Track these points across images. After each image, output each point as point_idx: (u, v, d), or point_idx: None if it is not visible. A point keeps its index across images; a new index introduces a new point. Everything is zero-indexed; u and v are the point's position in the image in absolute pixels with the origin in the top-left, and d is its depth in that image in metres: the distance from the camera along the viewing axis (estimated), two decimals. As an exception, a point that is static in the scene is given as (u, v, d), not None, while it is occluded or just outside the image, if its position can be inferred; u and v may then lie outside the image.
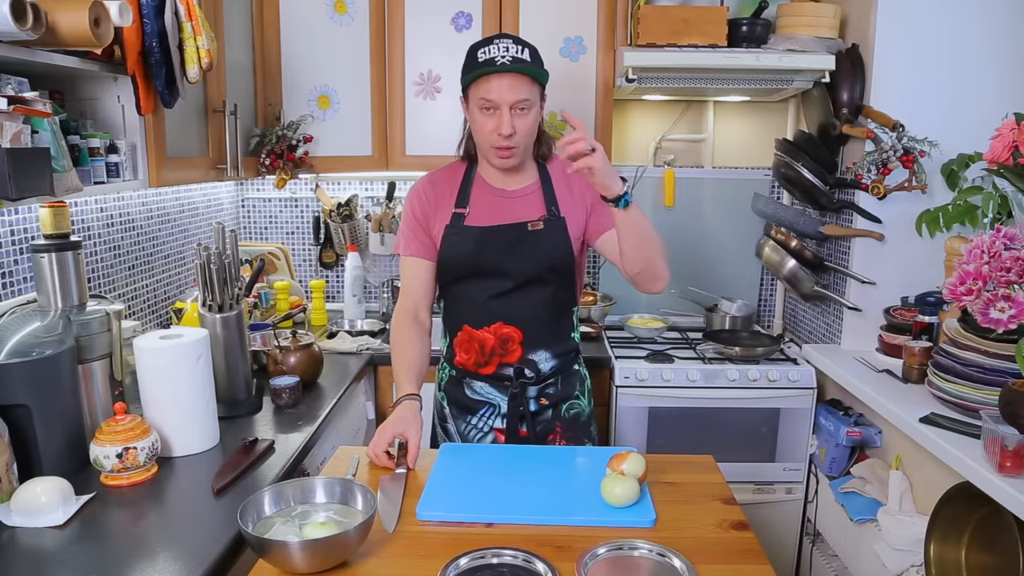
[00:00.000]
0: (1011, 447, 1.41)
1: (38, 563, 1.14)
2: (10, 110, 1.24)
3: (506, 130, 1.57)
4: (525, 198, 1.70)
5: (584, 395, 1.80)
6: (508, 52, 1.55)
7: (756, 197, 2.59)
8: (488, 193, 1.72)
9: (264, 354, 2.08)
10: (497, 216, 1.68)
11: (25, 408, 1.35)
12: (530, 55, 1.58)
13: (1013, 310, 1.52)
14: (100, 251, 2.02)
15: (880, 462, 2.08)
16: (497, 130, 1.57)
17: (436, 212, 1.72)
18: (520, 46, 1.58)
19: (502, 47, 1.56)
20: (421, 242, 1.72)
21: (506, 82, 1.55)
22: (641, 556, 1.18)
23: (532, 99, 1.58)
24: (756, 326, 2.82)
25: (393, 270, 3.02)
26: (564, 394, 1.76)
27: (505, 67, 1.53)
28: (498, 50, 1.56)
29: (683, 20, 2.32)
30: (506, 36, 1.60)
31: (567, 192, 1.72)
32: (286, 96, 2.51)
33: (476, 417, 1.76)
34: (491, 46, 1.57)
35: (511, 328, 1.69)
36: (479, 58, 1.57)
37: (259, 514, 1.20)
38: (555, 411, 1.75)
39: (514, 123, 1.57)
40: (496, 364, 1.71)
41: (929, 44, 2.15)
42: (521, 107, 1.57)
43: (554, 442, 1.75)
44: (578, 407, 1.78)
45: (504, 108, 1.56)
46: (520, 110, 1.57)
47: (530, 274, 1.67)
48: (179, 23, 1.62)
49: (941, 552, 1.66)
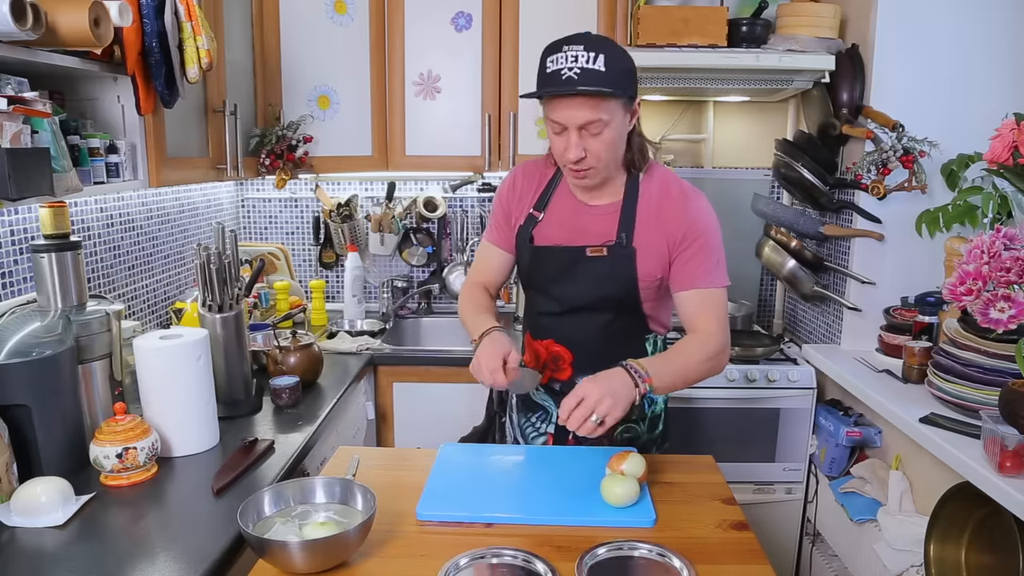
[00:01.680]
0: (1011, 447, 1.41)
1: (38, 563, 1.14)
2: (10, 110, 1.24)
3: (574, 155, 1.40)
4: (603, 216, 1.53)
5: (644, 420, 1.66)
6: (576, 63, 1.33)
7: (756, 197, 2.59)
8: (567, 202, 1.57)
9: (264, 354, 2.08)
10: (565, 232, 1.55)
11: (25, 408, 1.35)
12: (605, 61, 1.33)
13: (1013, 310, 1.52)
14: (100, 251, 2.02)
15: (880, 462, 2.08)
16: (566, 151, 1.41)
17: (519, 205, 1.62)
18: (594, 53, 1.33)
19: (570, 56, 1.34)
20: (500, 232, 1.65)
21: (572, 104, 1.36)
22: (641, 556, 1.18)
23: (607, 117, 1.37)
24: (756, 326, 2.82)
25: (392, 270, 3.02)
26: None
27: (570, 86, 1.34)
28: (565, 60, 1.34)
29: (683, 20, 2.32)
30: (578, 40, 1.36)
31: (652, 219, 1.50)
32: (286, 96, 2.51)
33: (536, 416, 1.70)
34: (559, 54, 1.35)
35: (561, 348, 1.60)
36: (547, 68, 1.38)
37: (259, 514, 1.20)
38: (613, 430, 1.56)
39: (585, 144, 1.40)
40: (548, 377, 1.63)
41: (929, 44, 2.15)
42: (592, 130, 1.38)
43: None
44: (634, 431, 1.65)
45: (572, 130, 1.39)
46: (591, 133, 1.38)
47: (581, 302, 1.55)
48: (179, 23, 1.62)
49: (941, 552, 1.66)
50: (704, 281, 1.49)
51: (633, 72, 1.40)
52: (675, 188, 1.53)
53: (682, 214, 1.49)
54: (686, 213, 1.49)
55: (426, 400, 2.41)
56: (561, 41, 1.37)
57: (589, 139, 1.39)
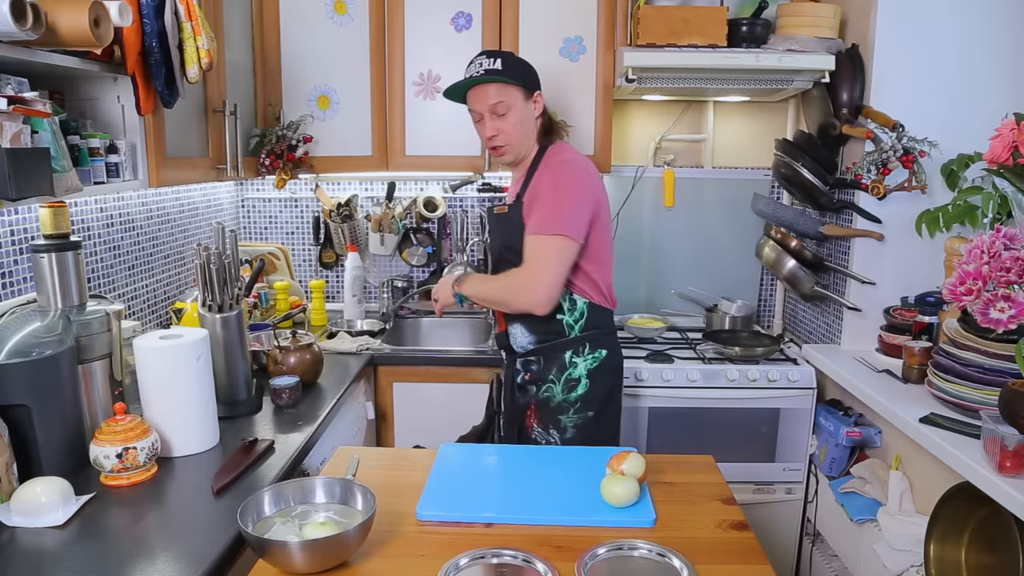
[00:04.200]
0: (1011, 447, 1.41)
1: (38, 563, 1.14)
2: (10, 110, 1.24)
3: (487, 132, 1.82)
4: (516, 182, 1.91)
5: (558, 382, 1.85)
6: (481, 66, 1.78)
7: (756, 197, 2.59)
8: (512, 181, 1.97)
9: (264, 354, 2.08)
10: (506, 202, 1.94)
11: (25, 408, 1.35)
12: (503, 63, 1.78)
13: (1013, 310, 1.52)
14: (100, 251, 2.02)
15: (880, 462, 2.08)
16: (483, 135, 1.84)
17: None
18: (493, 58, 1.79)
19: (477, 63, 1.80)
20: None
21: (480, 92, 1.80)
22: (641, 556, 1.18)
23: (508, 100, 1.78)
24: (756, 326, 2.82)
25: (392, 270, 3.02)
26: (541, 375, 1.87)
27: (476, 79, 1.77)
28: (473, 67, 1.81)
29: (683, 20, 2.32)
30: (482, 53, 1.83)
31: (537, 179, 1.81)
32: (286, 96, 2.51)
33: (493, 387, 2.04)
34: (470, 66, 1.82)
35: None
36: (464, 77, 1.82)
37: (259, 514, 1.20)
38: (536, 388, 1.87)
39: (495, 125, 1.79)
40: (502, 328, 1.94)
41: (929, 44, 2.15)
42: (498, 111, 1.78)
43: (530, 419, 1.88)
44: (550, 391, 1.85)
45: (485, 114, 1.80)
46: (498, 114, 1.78)
47: (496, 253, 1.92)
48: (179, 23, 1.62)
49: (941, 552, 1.66)
50: (538, 227, 1.73)
51: (529, 70, 1.83)
52: (560, 156, 1.83)
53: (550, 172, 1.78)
54: (552, 171, 1.78)
55: (426, 400, 2.41)
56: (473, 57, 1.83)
57: (499, 120, 1.79)
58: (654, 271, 2.88)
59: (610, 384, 1.88)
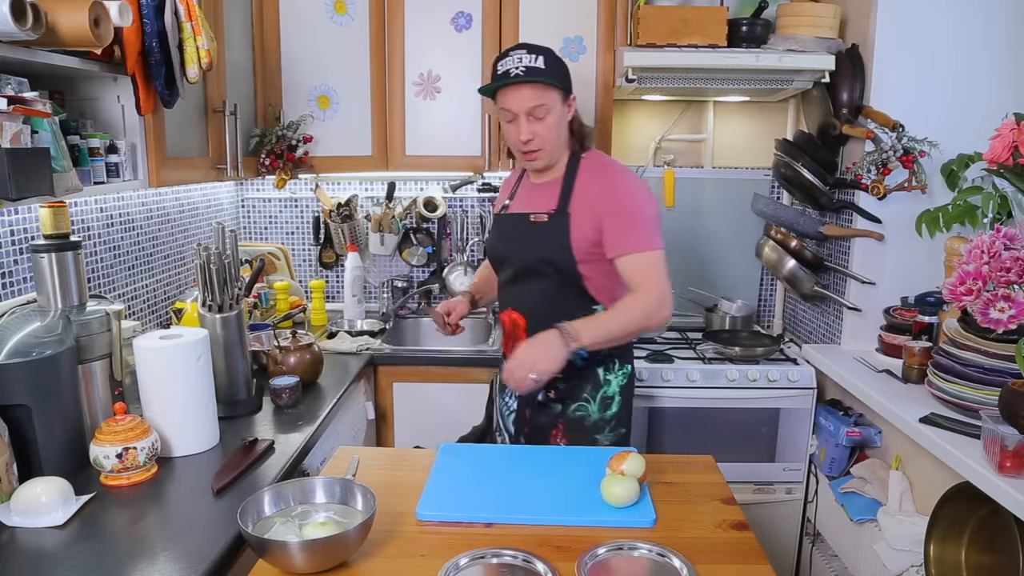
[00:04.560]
0: (1011, 447, 1.41)
1: (38, 563, 1.14)
2: (10, 110, 1.24)
3: (524, 136, 1.67)
4: (548, 188, 1.76)
5: (594, 400, 1.77)
6: (521, 63, 1.63)
7: (756, 197, 2.59)
8: (529, 187, 1.84)
9: (264, 354, 2.08)
10: (522, 207, 1.80)
11: (25, 408, 1.35)
12: (544, 61, 1.64)
13: (1013, 310, 1.52)
14: (100, 251, 2.02)
15: (880, 462, 2.08)
16: (518, 137, 1.68)
17: (500, 200, 1.94)
18: (534, 55, 1.64)
19: (516, 58, 1.64)
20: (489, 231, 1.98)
21: (519, 92, 1.64)
22: (641, 556, 1.18)
23: (548, 104, 1.65)
24: (756, 326, 2.82)
25: (392, 270, 3.02)
26: (571, 393, 1.77)
27: (518, 78, 1.62)
28: (512, 62, 1.64)
29: (683, 20, 2.32)
30: (521, 47, 1.67)
31: (586, 191, 1.70)
32: (286, 96, 2.51)
33: (506, 394, 1.87)
34: (507, 59, 1.66)
35: (517, 314, 1.78)
36: (498, 70, 1.67)
37: (259, 514, 1.20)
38: (563, 407, 1.77)
39: (532, 128, 1.66)
40: (511, 347, 1.71)
41: (929, 44, 2.15)
42: (537, 114, 1.65)
43: (556, 438, 1.78)
44: (584, 410, 1.77)
45: (521, 116, 1.66)
46: (536, 117, 1.65)
47: (526, 265, 1.75)
48: (179, 23, 1.62)
49: (941, 552, 1.66)
50: (636, 246, 1.64)
51: (567, 72, 1.70)
52: (607, 164, 1.75)
53: (610, 184, 1.69)
54: (614, 184, 1.69)
55: (426, 400, 2.41)
56: (508, 50, 1.68)
57: (535, 123, 1.66)
58: (654, 271, 2.88)
59: (631, 400, 1.84)
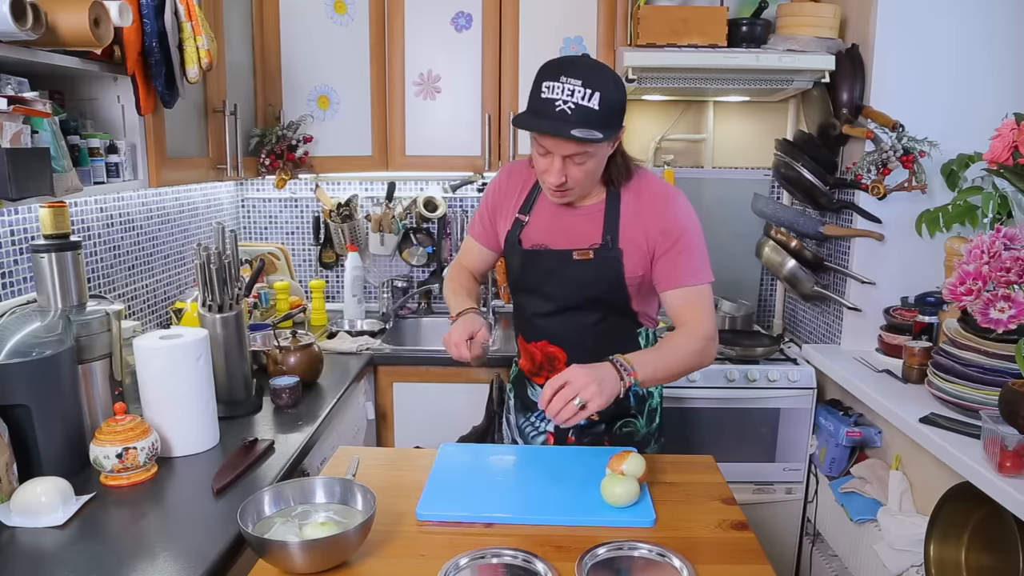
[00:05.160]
0: (1011, 447, 1.41)
1: (38, 563, 1.14)
2: (10, 110, 1.24)
3: (555, 180, 1.43)
4: (586, 218, 1.55)
5: (642, 414, 1.69)
6: (572, 97, 1.33)
7: (756, 197, 2.59)
8: (555, 209, 1.58)
9: (264, 354, 2.08)
10: (552, 234, 1.58)
11: (25, 408, 1.35)
12: (600, 101, 1.33)
13: (1013, 310, 1.52)
14: (100, 251, 2.02)
15: (880, 462, 2.08)
16: (548, 174, 1.44)
17: (502, 208, 1.67)
18: (590, 90, 1.33)
19: (568, 89, 1.34)
20: (484, 229, 1.74)
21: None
22: (641, 556, 1.18)
23: (592, 151, 1.40)
24: (756, 326, 2.82)
25: (392, 270, 3.02)
26: (617, 412, 1.65)
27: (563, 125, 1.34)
28: (562, 92, 1.34)
29: (683, 20, 2.32)
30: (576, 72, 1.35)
31: (633, 220, 1.53)
32: (286, 96, 2.51)
33: (535, 416, 1.74)
34: (556, 83, 1.35)
35: (556, 348, 1.64)
36: (541, 93, 1.37)
37: (259, 514, 1.20)
38: (608, 426, 1.67)
39: (567, 171, 1.43)
40: (545, 377, 1.61)
41: (929, 44, 2.15)
42: (576, 160, 1.41)
43: None
44: (632, 426, 1.68)
45: (557, 157, 1.41)
46: (576, 163, 1.42)
47: (571, 302, 1.59)
48: (179, 23, 1.62)
49: (941, 552, 1.66)
50: (688, 279, 1.52)
51: (624, 105, 1.42)
52: (655, 190, 1.56)
53: (661, 215, 1.52)
54: (665, 213, 1.52)
55: (426, 400, 2.41)
56: (560, 68, 1.36)
57: (572, 167, 1.42)
58: (654, 271, 2.88)
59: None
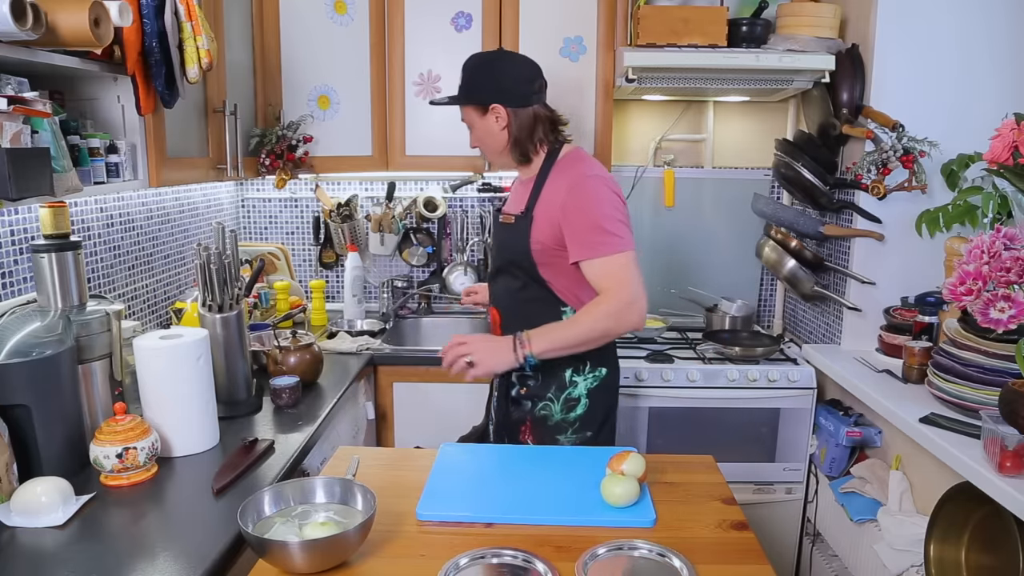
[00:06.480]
0: (1011, 447, 1.41)
1: (38, 563, 1.14)
2: (10, 110, 1.24)
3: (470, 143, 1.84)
4: (523, 187, 1.81)
5: (557, 400, 1.78)
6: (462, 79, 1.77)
7: (756, 197, 2.59)
8: (516, 185, 1.91)
9: (264, 354, 2.08)
10: (507, 206, 1.88)
11: (25, 408, 1.35)
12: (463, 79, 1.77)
13: (1013, 310, 1.52)
14: (100, 251, 2.02)
15: (880, 462, 2.08)
16: None
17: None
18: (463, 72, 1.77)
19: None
20: None
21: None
22: (641, 556, 1.18)
23: (467, 119, 1.78)
24: (756, 326, 2.82)
25: (392, 270, 3.02)
26: (539, 392, 1.80)
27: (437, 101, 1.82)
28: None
29: (683, 20, 2.32)
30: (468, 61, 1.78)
31: (552, 195, 1.69)
32: (286, 96, 2.51)
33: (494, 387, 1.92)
34: None
35: (495, 309, 1.87)
36: None
37: (259, 514, 1.20)
38: (532, 404, 1.80)
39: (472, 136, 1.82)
40: None
41: (929, 44, 2.15)
42: (468, 126, 1.80)
43: (524, 435, 1.82)
44: (548, 410, 1.79)
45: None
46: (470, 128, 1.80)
47: (500, 264, 1.84)
48: (179, 23, 1.62)
49: (941, 552, 1.66)
50: (594, 251, 1.63)
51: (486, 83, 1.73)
52: (576, 168, 1.71)
53: (571, 189, 1.66)
54: (574, 189, 1.65)
55: (426, 400, 2.41)
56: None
57: (472, 133, 1.80)
58: (654, 271, 2.88)
59: (608, 404, 1.84)
